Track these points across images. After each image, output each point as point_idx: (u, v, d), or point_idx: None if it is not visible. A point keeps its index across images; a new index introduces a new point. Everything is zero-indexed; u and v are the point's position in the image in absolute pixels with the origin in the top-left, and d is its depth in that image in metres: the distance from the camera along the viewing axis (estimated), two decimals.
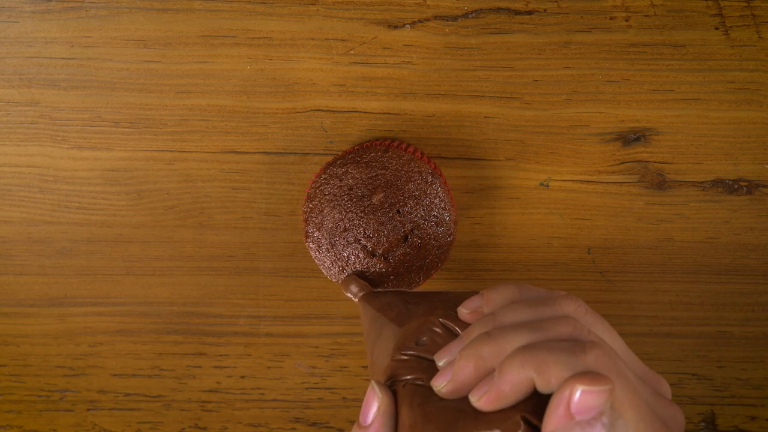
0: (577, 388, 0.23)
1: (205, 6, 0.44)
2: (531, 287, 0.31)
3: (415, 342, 0.31)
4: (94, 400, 0.51)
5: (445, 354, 0.30)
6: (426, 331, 0.31)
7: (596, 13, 0.45)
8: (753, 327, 0.51)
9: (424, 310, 0.33)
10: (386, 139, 0.46)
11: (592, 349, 0.25)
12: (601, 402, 0.23)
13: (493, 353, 0.27)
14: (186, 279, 0.49)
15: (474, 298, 0.31)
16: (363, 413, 0.29)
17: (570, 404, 0.23)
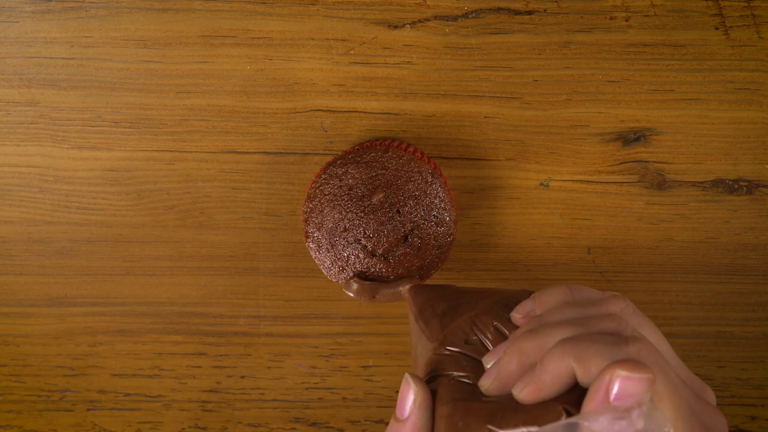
0: (618, 374, 0.23)
1: (205, 6, 0.44)
2: (583, 288, 0.31)
3: (464, 340, 0.31)
4: (94, 400, 0.51)
5: (493, 356, 0.30)
6: (476, 331, 0.31)
7: (596, 13, 0.45)
8: (753, 327, 0.51)
9: (474, 309, 0.33)
10: (386, 139, 0.46)
11: (635, 342, 0.25)
12: (640, 391, 0.23)
13: (536, 348, 0.27)
14: (186, 279, 0.49)
15: (526, 303, 0.31)
16: (399, 406, 0.29)
17: (609, 390, 0.23)
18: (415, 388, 0.29)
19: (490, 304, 0.33)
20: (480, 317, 0.32)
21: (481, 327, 0.31)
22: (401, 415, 0.29)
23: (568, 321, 0.28)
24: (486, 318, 0.32)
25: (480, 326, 0.32)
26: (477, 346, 0.31)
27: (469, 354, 0.31)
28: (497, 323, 0.31)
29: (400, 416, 0.29)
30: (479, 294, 0.35)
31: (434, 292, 0.37)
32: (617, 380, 0.23)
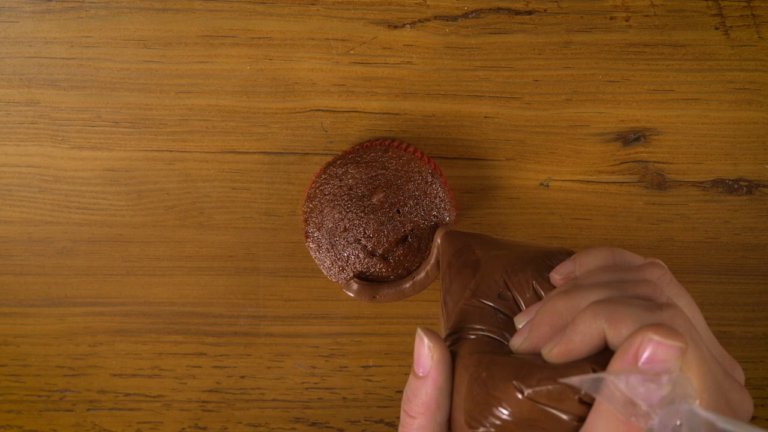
0: (650, 337, 0.22)
1: (205, 6, 0.44)
2: (624, 252, 0.30)
3: (498, 294, 0.30)
4: (94, 400, 0.51)
5: (526, 315, 0.29)
6: (510, 287, 0.30)
7: (596, 13, 0.45)
8: (753, 327, 0.51)
9: (510, 263, 0.31)
10: (386, 139, 0.46)
11: (669, 309, 0.25)
12: (671, 357, 0.22)
13: (569, 309, 0.27)
14: (186, 279, 0.49)
15: (566, 264, 0.30)
16: (417, 363, 0.28)
17: (639, 352, 0.22)
18: (430, 344, 0.28)
19: (527, 261, 0.31)
20: (516, 273, 0.31)
21: (515, 283, 0.30)
22: (421, 372, 0.28)
23: (603, 284, 0.27)
24: (522, 275, 0.31)
25: (515, 282, 0.30)
26: (509, 302, 0.30)
27: (501, 309, 0.30)
28: (533, 281, 0.30)
29: (421, 373, 0.28)
30: (516, 248, 0.33)
31: (469, 240, 0.36)
32: (649, 344, 0.22)
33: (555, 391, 0.24)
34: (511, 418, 0.25)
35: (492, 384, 0.26)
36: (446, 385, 0.28)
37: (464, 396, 0.27)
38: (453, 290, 0.33)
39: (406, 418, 0.28)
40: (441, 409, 0.28)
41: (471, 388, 0.26)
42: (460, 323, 0.30)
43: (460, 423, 0.27)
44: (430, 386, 0.28)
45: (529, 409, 0.24)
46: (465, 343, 0.29)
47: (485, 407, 0.26)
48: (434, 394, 0.28)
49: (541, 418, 0.24)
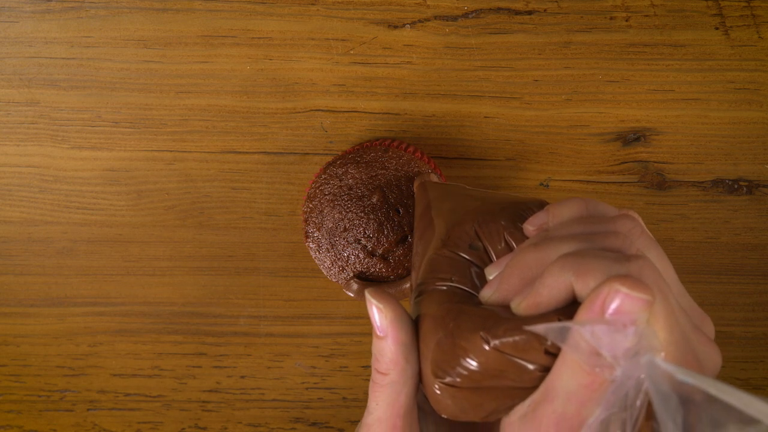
0: (616, 289, 0.22)
1: (205, 6, 0.44)
2: (598, 203, 0.30)
3: (468, 245, 0.30)
4: (94, 400, 0.51)
5: (496, 267, 0.29)
6: (481, 238, 0.30)
7: (596, 13, 0.45)
8: (753, 327, 0.51)
9: (483, 214, 0.31)
10: (386, 139, 0.46)
11: (637, 261, 0.24)
12: (638, 309, 0.22)
13: (538, 261, 0.26)
14: (186, 279, 0.49)
15: (539, 215, 0.30)
16: (374, 325, 0.28)
17: (606, 304, 0.22)
18: (379, 305, 0.28)
19: (499, 211, 0.31)
20: (487, 223, 0.30)
21: (486, 233, 0.30)
22: (381, 332, 0.28)
23: (572, 236, 0.27)
24: (493, 225, 0.30)
25: (486, 232, 0.30)
26: (480, 252, 0.30)
27: (471, 260, 0.29)
28: (504, 232, 0.30)
29: (380, 333, 0.28)
30: (490, 198, 0.33)
31: (443, 191, 0.35)
32: (615, 295, 0.22)
33: (521, 342, 0.24)
34: (478, 368, 0.25)
35: (459, 334, 0.26)
36: (408, 340, 0.28)
37: (432, 347, 0.27)
38: (424, 241, 0.32)
39: (377, 375, 0.29)
40: (410, 363, 0.28)
41: (438, 339, 0.26)
42: (430, 273, 0.30)
43: (427, 373, 0.27)
44: (392, 344, 0.28)
45: (496, 359, 0.25)
46: (434, 293, 0.29)
47: (452, 357, 0.26)
48: (399, 350, 0.28)
49: (508, 368, 0.25)
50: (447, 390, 0.26)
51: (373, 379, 0.29)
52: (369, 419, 0.29)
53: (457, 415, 0.27)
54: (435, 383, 0.26)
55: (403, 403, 0.28)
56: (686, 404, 0.22)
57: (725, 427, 0.21)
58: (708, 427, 0.21)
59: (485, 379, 0.25)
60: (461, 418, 0.27)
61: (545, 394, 0.24)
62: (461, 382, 0.25)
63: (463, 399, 0.26)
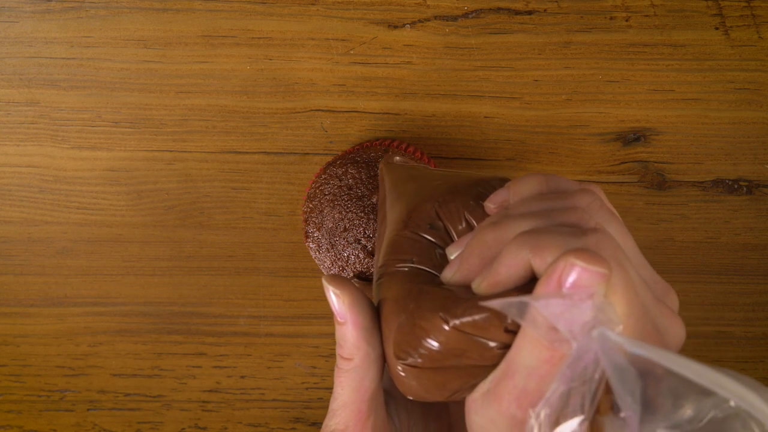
0: (572, 262, 0.22)
1: (205, 6, 0.44)
2: (559, 179, 0.29)
3: (429, 225, 0.30)
4: (94, 400, 0.51)
5: (456, 247, 0.29)
6: (441, 217, 0.30)
7: (596, 13, 0.45)
8: (753, 327, 0.51)
9: (445, 194, 0.31)
10: (386, 139, 0.46)
11: (594, 234, 0.24)
12: (594, 283, 0.22)
13: (497, 240, 0.26)
14: (186, 279, 0.49)
15: (500, 192, 0.29)
16: (333, 312, 0.28)
17: (562, 278, 0.22)
18: (336, 290, 0.28)
19: (459, 190, 0.31)
20: (447, 203, 0.30)
21: (446, 213, 0.30)
22: (340, 318, 0.28)
23: (531, 213, 0.27)
24: (453, 204, 0.30)
25: (446, 212, 0.30)
26: (441, 232, 0.29)
27: (432, 239, 0.29)
28: (465, 211, 0.30)
29: (340, 320, 0.28)
30: (452, 178, 0.33)
31: (405, 172, 0.35)
32: (572, 269, 0.22)
33: (480, 320, 0.24)
34: (439, 348, 0.25)
35: (419, 314, 0.26)
36: (369, 323, 0.28)
37: (393, 329, 0.27)
38: (386, 223, 0.32)
39: (341, 361, 0.29)
40: (372, 346, 0.28)
41: (399, 321, 0.26)
42: (391, 255, 0.29)
43: (390, 355, 0.27)
44: (352, 329, 0.28)
45: (456, 338, 0.25)
46: (396, 275, 0.28)
47: (413, 338, 0.26)
48: (360, 335, 0.28)
49: (469, 347, 0.25)
50: (410, 371, 0.26)
51: (338, 364, 0.29)
52: (335, 405, 0.29)
53: (422, 395, 0.27)
54: (398, 365, 0.26)
55: (368, 388, 0.28)
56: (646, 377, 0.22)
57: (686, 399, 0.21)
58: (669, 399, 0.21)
59: (447, 359, 0.25)
60: (426, 398, 0.27)
61: (506, 370, 0.24)
62: (423, 363, 0.26)
63: (426, 379, 0.26)
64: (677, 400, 0.21)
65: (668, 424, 0.21)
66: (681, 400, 0.21)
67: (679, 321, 0.26)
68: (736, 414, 0.20)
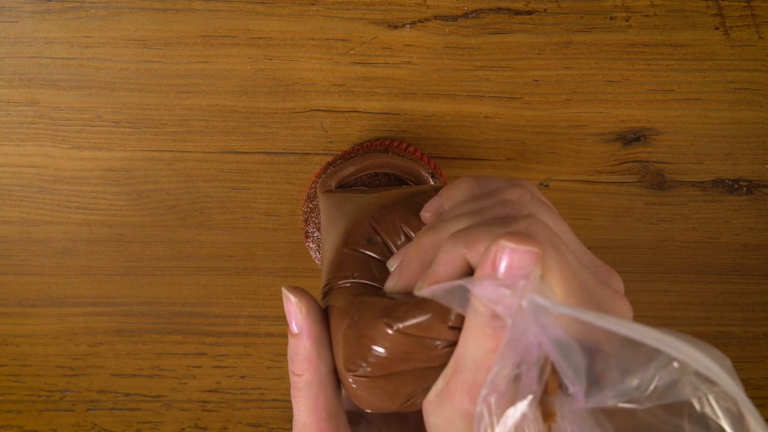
0: (503, 245, 0.22)
1: (205, 6, 0.44)
2: (489, 178, 0.30)
3: (367, 240, 0.30)
4: (94, 400, 0.51)
5: (396, 258, 0.29)
6: (379, 231, 0.30)
7: (596, 13, 0.45)
8: (753, 327, 0.51)
9: (381, 209, 0.31)
10: (386, 139, 0.46)
11: (525, 219, 0.24)
12: (527, 263, 0.22)
13: (433, 244, 0.26)
14: (186, 279, 0.49)
15: (434, 200, 0.30)
16: (289, 321, 0.28)
17: (496, 263, 0.22)
18: (295, 299, 0.28)
19: (393, 204, 0.31)
20: (384, 217, 0.31)
21: (383, 227, 0.30)
22: (295, 328, 0.28)
23: (464, 213, 0.27)
24: (390, 218, 0.30)
25: (383, 226, 0.30)
26: (379, 246, 0.30)
27: (371, 254, 0.30)
28: (402, 224, 0.30)
29: (295, 330, 0.28)
30: (387, 194, 0.33)
31: (342, 196, 0.36)
32: (503, 252, 0.22)
33: (423, 321, 0.24)
34: (386, 354, 0.25)
35: (363, 324, 0.26)
36: (322, 336, 0.28)
37: (341, 341, 0.27)
38: (327, 246, 0.33)
39: (293, 378, 0.28)
40: (324, 361, 0.28)
41: (344, 332, 0.27)
42: (332, 272, 0.30)
43: (341, 369, 0.27)
44: (306, 340, 0.28)
45: (402, 342, 0.25)
46: (339, 291, 0.29)
47: (359, 348, 0.26)
48: (313, 347, 0.28)
49: (415, 349, 0.25)
50: (361, 382, 0.26)
51: (292, 383, 0.29)
52: (295, 427, 0.29)
53: (378, 406, 0.27)
54: (349, 377, 0.26)
55: (324, 406, 0.28)
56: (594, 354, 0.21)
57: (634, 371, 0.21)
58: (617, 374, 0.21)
59: (395, 364, 0.25)
60: (383, 408, 0.27)
61: (455, 366, 0.24)
62: (372, 371, 0.26)
63: (377, 389, 0.26)
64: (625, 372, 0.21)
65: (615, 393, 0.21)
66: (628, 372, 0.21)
67: (624, 301, 0.26)
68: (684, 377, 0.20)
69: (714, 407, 0.20)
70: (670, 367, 0.20)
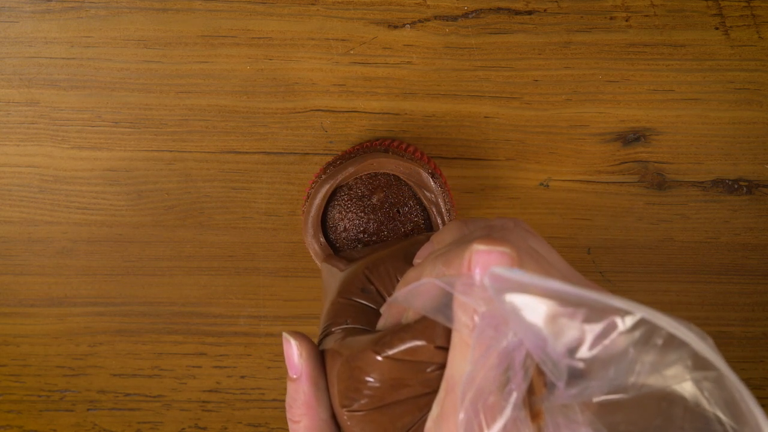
0: (476, 249, 0.22)
1: (205, 6, 0.44)
2: (477, 220, 0.30)
3: (361, 289, 0.31)
4: (94, 400, 0.52)
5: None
6: (372, 280, 0.31)
7: (596, 13, 0.45)
8: (753, 327, 0.51)
9: (375, 260, 0.32)
10: (386, 139, 0.46)
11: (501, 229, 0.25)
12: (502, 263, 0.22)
13: (417, 276, 0.27)
14: (186, 279, 0.50)
15: (425, 246, 0.30)
16: (289, 366, 0.28)
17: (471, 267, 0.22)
18: (295, 342, 0.28)
19: (387, 255, 0.32)
20: (377, 267, 0.31)
21: (377, 276, 0.31)
22: (294, 373, 0.28)
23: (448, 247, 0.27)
24: (383, 267, 0.31)
25: (377, 276, 0.31)
26: (373, 295, 0.31)
27: (366, 302, 0.30)
28: (396, 273, 0.31)
29: (294, 374, 0.28)
30: (380, 248, 0.34)
31: (342, 255, 0.37)
32: (478, 257, 0.22)
33: (411, 345, 0.25)
34: (378, 383, 0.25)
35: (353, 356, 0.26)
36: (321, 380, 0.28)
37: (335, 381, 0.27)
38: (325, 301, 0.34)
39: (292, 425, 0.28)
40: (322, 405, 0.28)
41: (338, 370, 0.27)
42: (327, 320, 0.30)
43: (337, 407, 0.27)
44: (305, 383, 0.28)
45: (392, 368, 0.25)
46: (332, 337, 0.29)
47: (351, 381, 0.26)
48: (311, 391, 0.28)
49: (406, 375, 0.25)
50: (356, 417, 0.26)
51: (290, 430, 0.29)
52: None
53: None
54: (344, 414, 0.26)
55: None
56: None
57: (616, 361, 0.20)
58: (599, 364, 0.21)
59: (388, 394, 0.25)
60: None
61: (447, 387, 0.24)
62: (366, 404, 0.26)
63: (373, 423, 0.26)
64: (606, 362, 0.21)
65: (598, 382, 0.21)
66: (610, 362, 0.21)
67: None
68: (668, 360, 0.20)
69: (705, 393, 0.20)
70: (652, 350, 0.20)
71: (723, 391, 0.20)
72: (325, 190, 0.41)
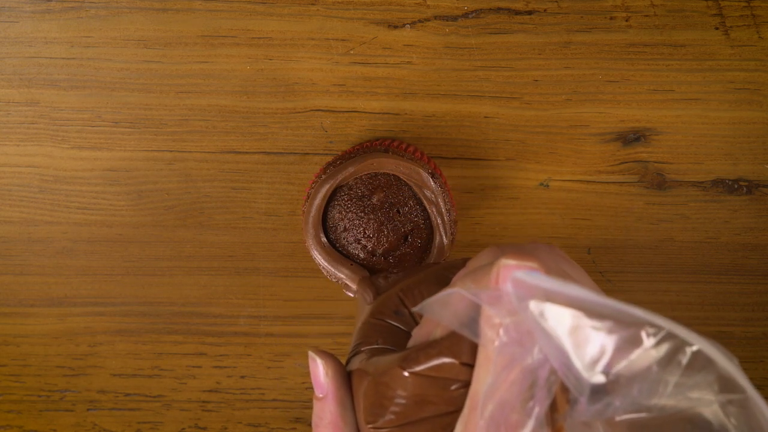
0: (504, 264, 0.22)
1: (205, 6, 0.44)
2: (514, 245, 0.30)
3: (394, 311, 0.31)
4: (94, 400, 0.52)
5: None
6: (406, 303, 0.31)
7: (596, 13, 0.45)
8: (753, 327, 0.51)
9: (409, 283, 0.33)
10: (386, 139, 0.46)
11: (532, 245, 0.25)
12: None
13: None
14: (186, 279, 0.49)
15: (462, 272, 0.30)
16: (316, 385, 0.29)
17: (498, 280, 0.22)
18: (321, 361, 0.29)
19: (422, 278, 0.32)
20: (412, 290, 0.32)
21: (411, 299, 0.31)
22: (320, 392, 0.28)
23: None
24: (417, 290, 0.31)
25: (410, 298, 0.31)
26: (405, 317, 0.31)
27: (398, 324, 0.31)
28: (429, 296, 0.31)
29: (320, 394, 0.28)
30: (415, 272, 0.35)
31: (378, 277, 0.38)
32: (505, 271, 0.22)
33: (437, 361, 0.25)
34: (404, 399, 0.25)
35: (379, 373, 0.26)
36: (347, 399, 0.28)
37: (361, 399, 0.27)
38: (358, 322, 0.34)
39: None
40: (348, 425, 0.28)
41: (364, 388, 0.27)
42: (358, 339, 0.31)
43: (362, 427, 0.27)
44: (332, 403, 0.28)
45: (417, 385, 0.25)
46: (359, 357, 0.29)
47: (377, 397, 0.26)
48: (338, 411, 0.28)
49: (432, 391, 0.25)
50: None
51: None
52: None
53: None
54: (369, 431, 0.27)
55: None
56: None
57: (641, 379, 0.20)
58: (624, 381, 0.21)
59: (412, 411, 0.25)
60: None
61: (471, 405, 0.24)
62: (392, 420, 0.26)
63: None
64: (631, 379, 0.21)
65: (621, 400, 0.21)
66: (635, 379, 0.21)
67: None
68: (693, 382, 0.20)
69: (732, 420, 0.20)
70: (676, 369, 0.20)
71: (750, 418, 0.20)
72: (325, 190, 0.41)
